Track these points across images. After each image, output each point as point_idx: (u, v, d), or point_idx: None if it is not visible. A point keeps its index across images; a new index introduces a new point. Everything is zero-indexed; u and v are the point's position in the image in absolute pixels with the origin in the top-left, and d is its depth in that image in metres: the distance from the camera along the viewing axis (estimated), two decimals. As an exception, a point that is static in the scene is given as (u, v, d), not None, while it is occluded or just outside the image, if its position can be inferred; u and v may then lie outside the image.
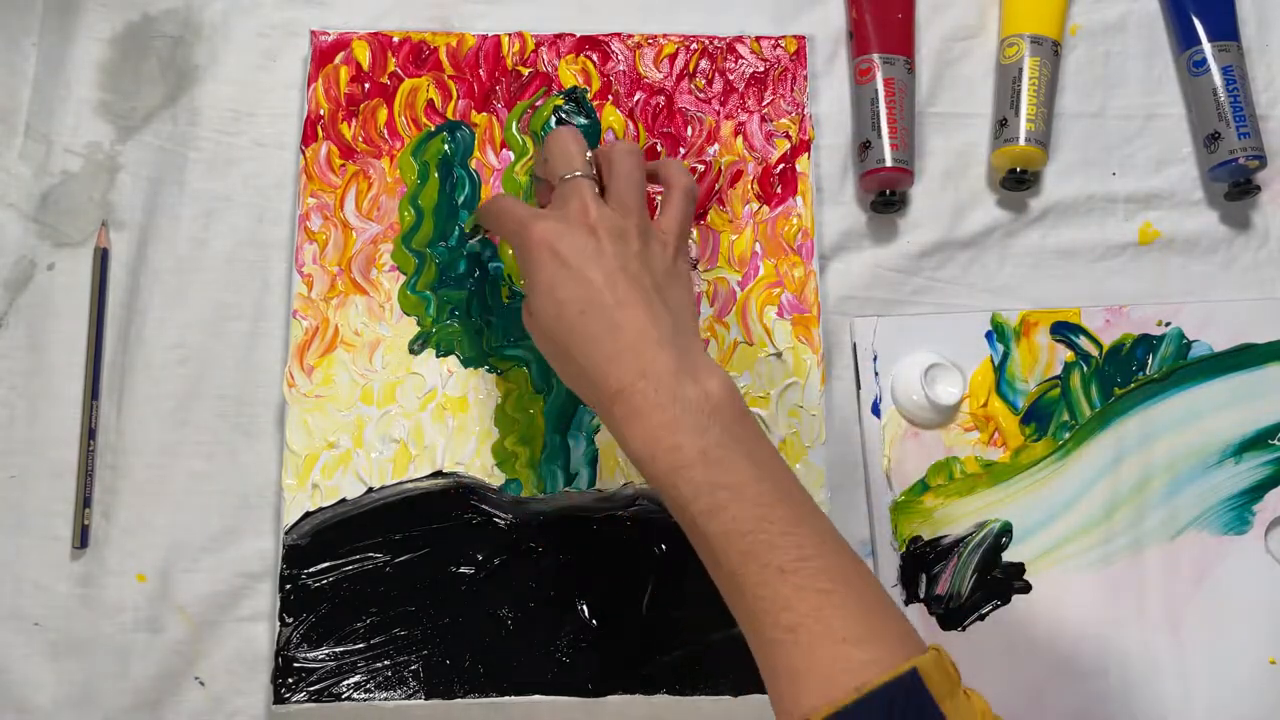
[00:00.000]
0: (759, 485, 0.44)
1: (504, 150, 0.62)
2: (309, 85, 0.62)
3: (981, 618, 0.59)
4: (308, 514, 0.57)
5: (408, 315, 0.60)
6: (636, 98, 0.64)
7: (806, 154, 0.63)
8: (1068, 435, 0.62)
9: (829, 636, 0.42)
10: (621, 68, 0.64)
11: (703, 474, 0.44)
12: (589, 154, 0.51)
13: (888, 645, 0.42)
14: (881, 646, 0.42)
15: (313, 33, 0.63)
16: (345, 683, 0.55)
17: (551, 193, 0.52)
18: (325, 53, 0.63)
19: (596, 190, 0.50)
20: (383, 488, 0.58)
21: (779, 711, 0.44)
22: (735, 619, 0.45)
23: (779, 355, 0.61)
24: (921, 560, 0.60)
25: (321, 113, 0.62)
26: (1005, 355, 0.63)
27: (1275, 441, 0.62)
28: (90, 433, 0.58)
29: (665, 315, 0.48)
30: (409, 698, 0.55)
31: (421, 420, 0.58)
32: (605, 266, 0.48)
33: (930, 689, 0.41)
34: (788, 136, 0.63)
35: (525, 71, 0.63)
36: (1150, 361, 0.63)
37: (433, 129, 0.62)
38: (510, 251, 0.61)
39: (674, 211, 0.51)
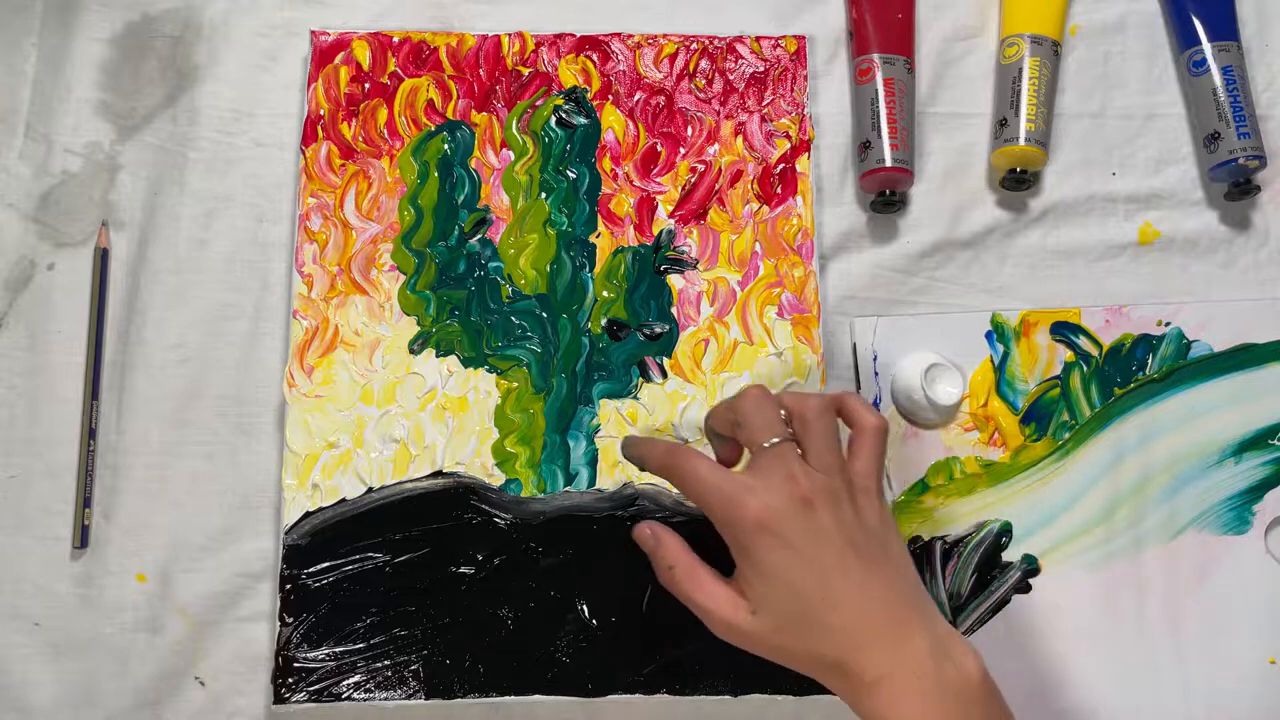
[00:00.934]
0: None
1: (504, 150, 0.62)
2: (309, 85, 0.62)
3: (981, 618, 0.59)
4: (308, 514, 0.57)
5: (408, 315, 0.60)
6: (636, 98, 0.64)
7: (806, 154, 0.63)
8: (1068, 435, 0.62)
9: None
10: (621, 68, 0.64)
11: None
12: (783, 413, 0.49)
13: None
14: None
15: (313, 33, 0.63)
16: (345, 683, 0.55)
17: (731, 448, 0.52)
18: (325, 53, 0.63)
19: (799, 453, 0.48)
20: (383, 488, 0.58)
21: None
22: None
23: (779, 355, 0.61)
24: (921, 560, 0.60)
25: (321, 113, 0.62)
26: (1005, 355, 0.63)
27: (1275, 441, 0.62)
28: (90, 433, 0.58)
29: (899, 580, 0.47)
30: (409, 698, 0.55)
31: (421, 420, 0.58)
32: (834, 544, 0.46)
33: None
34: (788, 136, 0.63)
35: (525, 71, 0.63)
36: (1150, 361, 0.63)
37: (433, 129, 0.62)
38: (511, 252, 0.61)
39: (868, 455, 0.49)
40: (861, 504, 0.48)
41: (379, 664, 0.55)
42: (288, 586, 0.56)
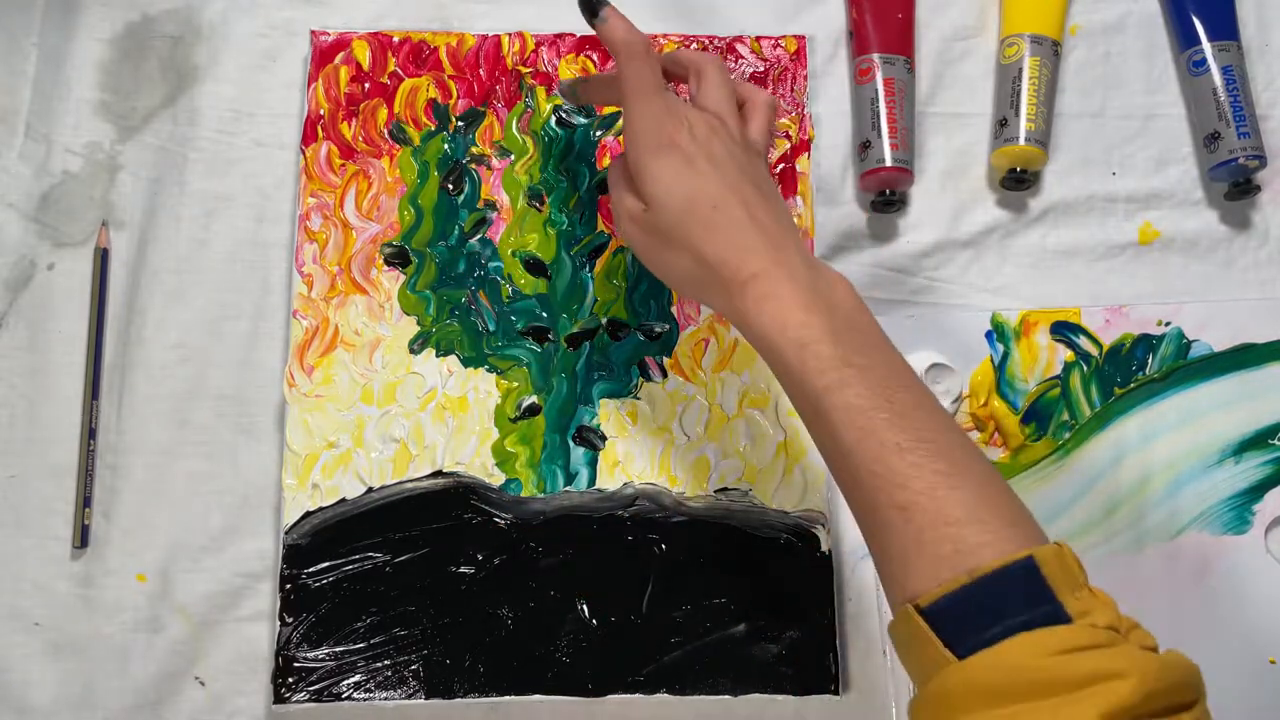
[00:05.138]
0: (882, 369, 0.46)
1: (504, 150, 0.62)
2: (309, 85, 0.62)
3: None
4: (308, 514, 0.57)
5: (408, 315, 0.60)
6: (636, 98, 0.63)
7: (806, 154, 0.63)
8: (1068, 435, 0.62)
9: (942, 517, 0.41)
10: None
11: (831, 349, 0.45)
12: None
13: (1004, 532, 0.41)
14: (997, 532, 0.41)
15: (313, 33, 0.63)
16: (345, 682, 0.55)
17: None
18: (325, 53, 0.63)
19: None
20: (383, 488, 0.58)
21: (889, 596, 0.43)
22: (849, 504, 0.46)
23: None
24: (921, 560, 0.60)
25: (321, 113, 0.62)
26: (1005, 355, 0.63)
27: (1275, 441, 0.62)
28: (90, 433, 0.58)
29: (785, 218, 0.50)
30: (409, 698, 0.55)
31: (421, 420, 0.58)
32: (727, 167, 0.50)
33: (1047, 579, 0.40)
34: (788, 136, 0.63)
35: (525, 71, 0.63)
36: (1150, 361, 0.63)
37: (433, 128, 0.62)
38: (510, 252, 0.61)
39: (761, 123, 0.53)
40: (752, 156, 0.52)
41: (379, 664, 0.55)
42: (288, 586, 0.56)
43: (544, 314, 0.60)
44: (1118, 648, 0.39)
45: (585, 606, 0.57)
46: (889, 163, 0.62)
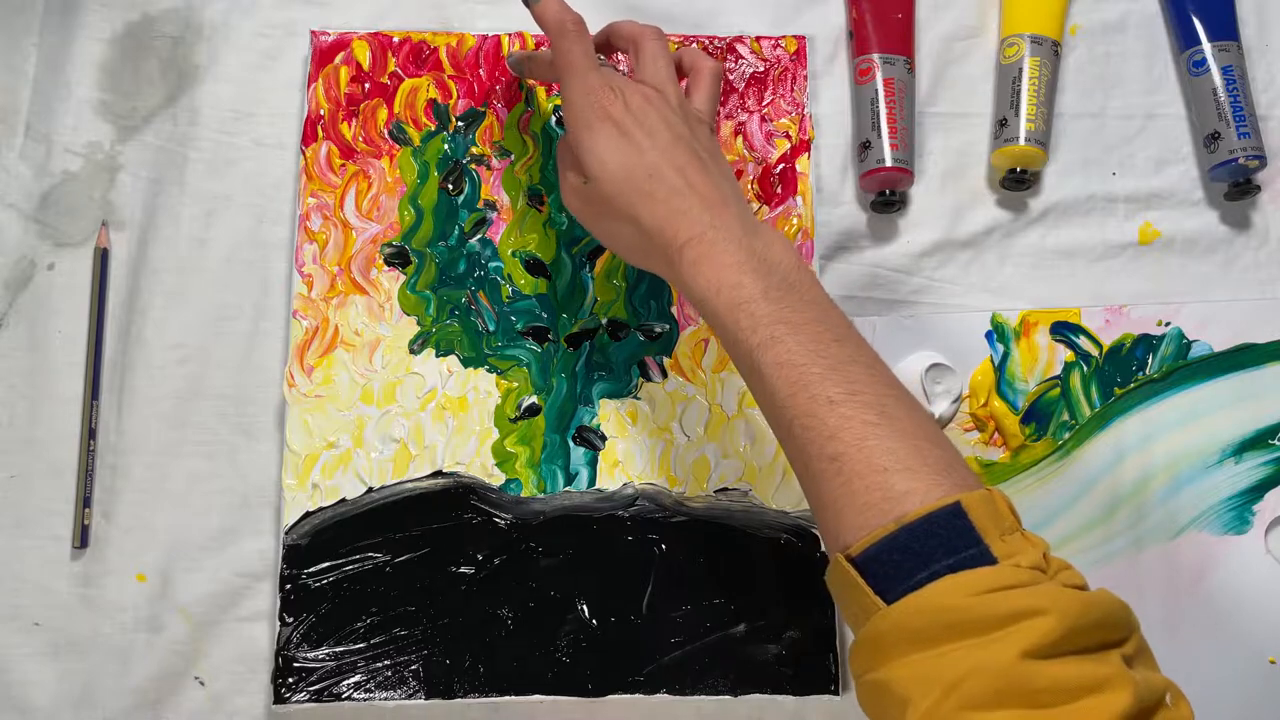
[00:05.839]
0: (816, 325, 0.46)
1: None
2: (309, 85, 0.62)
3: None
4: (308, 514, 0.57)
5: (408, 315, 0.60)
6: (636, 98, 0.63)
7: (806, 154, 0.63)
8: (1068, 435, 0.62)
9: (871, 467, 0.42)
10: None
11: (763, 309, 0.46)
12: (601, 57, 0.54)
13: (933, 479, 0.42)
14: (926, 479, 0.42)
15: (313, 33, 0.63)
16: (345, 682, 0.55)
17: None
18: (325, 53, 0.63)
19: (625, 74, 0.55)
20: (383, 488, 0.58)
21: (826, 546, 0.44)
22: (788, 459, 0.46)
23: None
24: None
25: (321, 113, 0.62)
26: (1005, 355, 0.63)
27: (1275, 441, 0.62)
28: (90, 433, 0.58)
29: (723, 182, 0.51)
30: (409, 698, 0.55)
31: (421, 420, 0.58)
32: (662, 136, 0.51)
33: (974, 524, 0.40)
34: (788, 136, 0.63)
35: (525, 71, 0.63)
36: (1150, 361, 0.63)
37: (433, 128, 0.62)
38: (510, 252, 0.61)
39: (705, 92, 0.55)
40: (694, 124, 0.53)
41: (379, 664, 0.55)
42: (288, 586, 0.56)
43: (544, 314, 0.60)
44: (1039, 586, 0.39)
45: (585, 606, 0.57)
46: (889, 163, 0.62)
